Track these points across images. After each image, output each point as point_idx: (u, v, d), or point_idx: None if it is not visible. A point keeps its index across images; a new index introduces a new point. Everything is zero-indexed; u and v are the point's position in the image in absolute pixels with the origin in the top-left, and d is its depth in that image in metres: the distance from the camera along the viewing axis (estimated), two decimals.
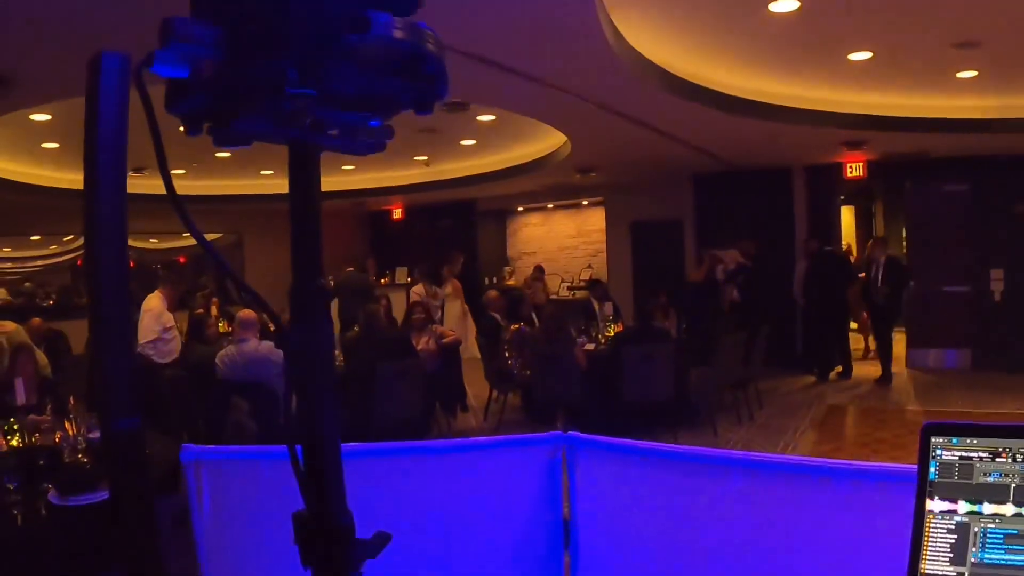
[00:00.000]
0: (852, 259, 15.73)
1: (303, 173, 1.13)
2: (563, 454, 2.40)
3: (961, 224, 12.59)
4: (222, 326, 10.78)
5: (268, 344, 7.19)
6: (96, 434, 4.23)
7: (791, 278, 12.86)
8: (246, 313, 7.30)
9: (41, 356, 7.74)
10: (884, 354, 11.92)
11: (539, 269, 16.27)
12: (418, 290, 14.07)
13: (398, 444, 2.50)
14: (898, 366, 13.10)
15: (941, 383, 11.62)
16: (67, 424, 4.33)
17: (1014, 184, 12.04)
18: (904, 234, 14.55)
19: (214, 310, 13.28)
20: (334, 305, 13.94)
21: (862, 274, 12.66)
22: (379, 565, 1.19)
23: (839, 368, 12.42)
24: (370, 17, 0.93)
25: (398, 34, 0.98)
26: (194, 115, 1.05)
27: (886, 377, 11.75)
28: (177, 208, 1.05)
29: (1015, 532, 1.50)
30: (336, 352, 8.84)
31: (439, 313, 13.53)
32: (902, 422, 9.34)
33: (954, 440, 1.56)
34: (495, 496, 2.42)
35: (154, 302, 8.83)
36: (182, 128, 1.06)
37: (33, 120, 8.79)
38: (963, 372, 12.33)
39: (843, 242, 15.58)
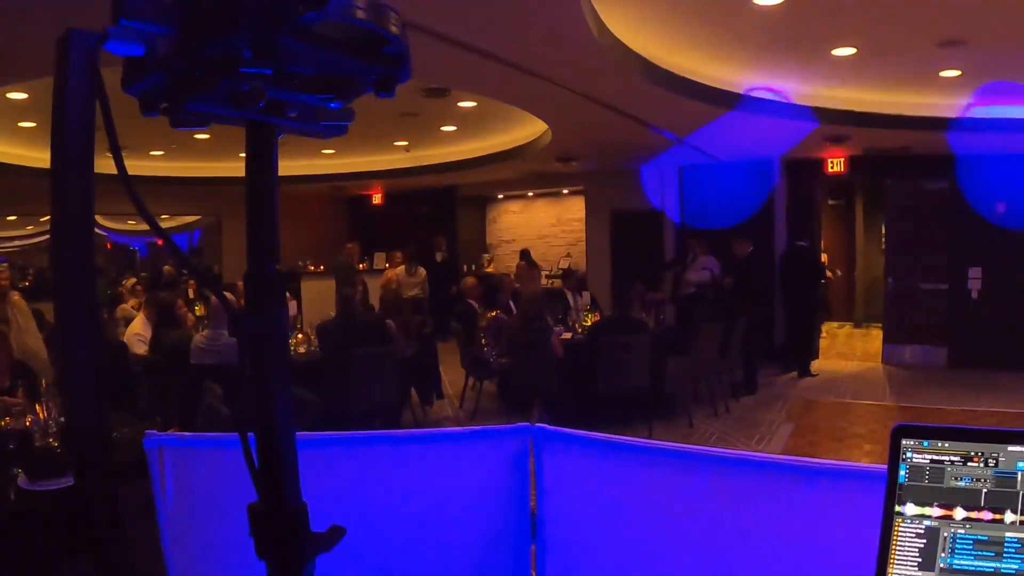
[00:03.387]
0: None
1: (260, 155, 1.09)
2: (531, 445, 2.38)
3: (940, 222, 12.65)
4: (198, 310, 10.71)
5: None
6: None
7: (770, 270, 12.93)
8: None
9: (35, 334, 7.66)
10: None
11: (527, 256, 16.22)
12: (399, 272, 14.24)
13: (365, 434, 2.47)
14: (875, 362, 13.19)
15: (917, 379, 11.69)
16: (38, 408, 4.28)
17: (994, 183, 12.09)
18: (883, 230, 14.63)
19: (191, 292, 13.22)
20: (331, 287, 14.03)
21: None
22: (345, 556, 1.16)
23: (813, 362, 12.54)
24: None
25: (358, 13, 0.95)
26: (150, 95, 1.02)
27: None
28: (129, 190, 1.02)
29: (985, 538, 1.48)
30: (312, 337, 8.82)
31: (415, 289, 13.96)
32: (877, 418, 9.39)
33: (925, 443, 1.54)
34: (462, 487, 2.40)
35: (137, 327, 8.65)
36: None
37: (10, 98, 8.70)
38: (939, 369, 12.42)
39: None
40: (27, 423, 4.27)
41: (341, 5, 0.92)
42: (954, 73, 8.41)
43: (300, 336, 8.85)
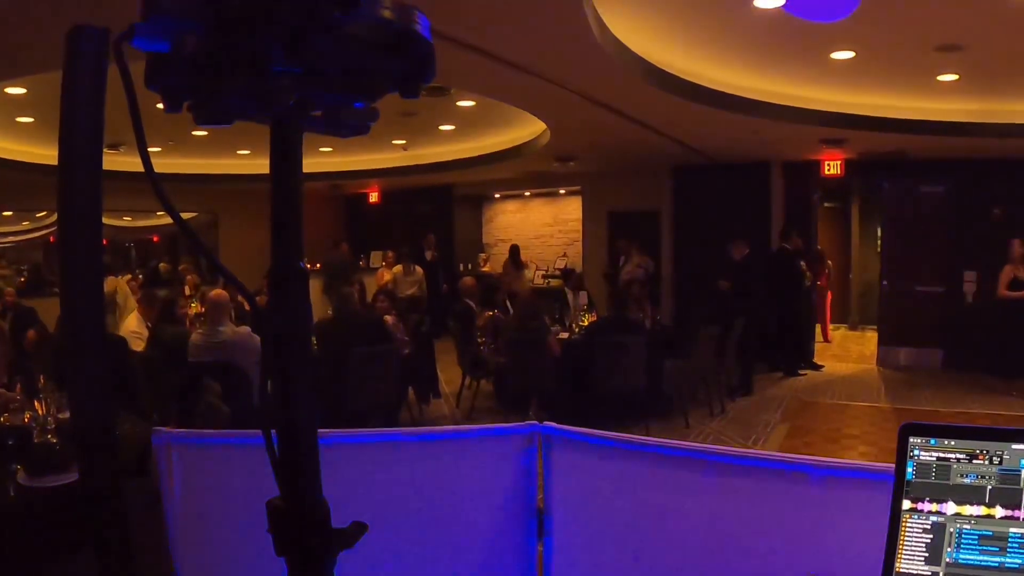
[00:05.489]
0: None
1: (285, 153, 1.10)
2: (539, 444, 2.39)
3: (936, 225, 12.68)
4: (195, 307, 10.69)
5: (245, 328, 7.12)
6: (66, 414, 4.16)
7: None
8: (218, 295, 7.21)
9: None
10: None
11: (515, 253, 16.26)
12: (397, 271, 14.28)
13: (373, 432, 2.48)
14: (869, 363, 13.21)
15: (912, 381, 11.71)
16: (37, 404, 4.26)
17: (990, 187, 12.12)
18: (879, 233, 14.65)
19: (187, 289, 13.20)
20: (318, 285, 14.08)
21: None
22: (352, 554, 1.17)
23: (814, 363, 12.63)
24: None
25: (386, 13, 0.96)
26: (175, 91, 1.02)
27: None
28: (156, 187, 1.02)
29: (989, 533, 1.51)
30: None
31: (413, 288, 14.09)
32: (872, 419, 9.41)
33: (932, 441, 1.56)
34: (470, 485, 2.41)
35: (133, 324, 8.64)
36: (160, 105, 1.03)
37: (8, 94, 8.68)
38: (933, 371, 12.43)
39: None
40: (25, 419, 4.25)
41: (370, 5, 0.93)
42: (951, 77, 8.43)
43: None
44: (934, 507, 1.54)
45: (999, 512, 1.52)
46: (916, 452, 1.57)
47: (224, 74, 0.96)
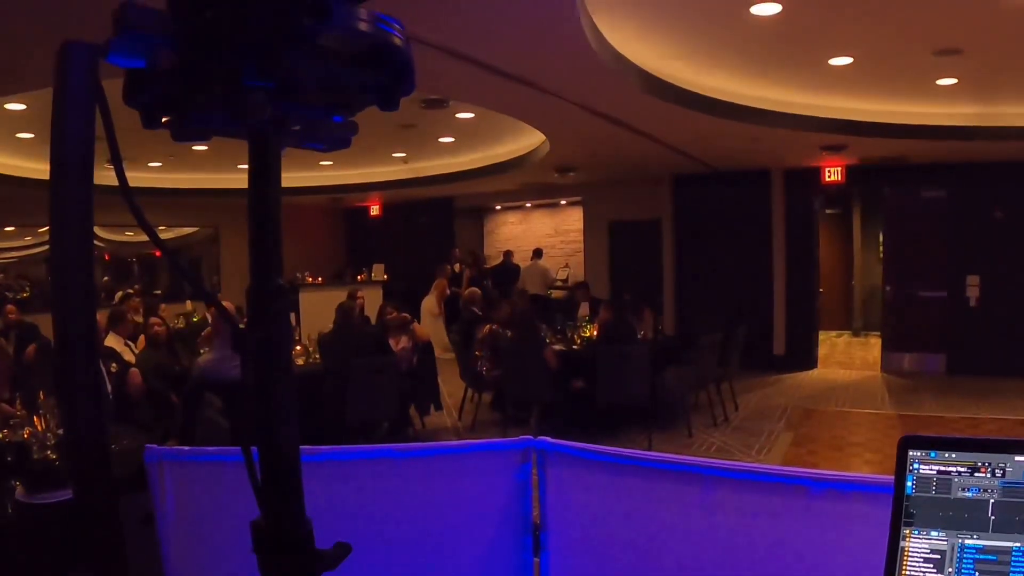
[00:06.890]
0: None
1: (263, 169, 1.08)
2: (534, 459, 2.36)
3: (938, 230, 12.67)
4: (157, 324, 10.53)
5: None
6: None
7: (769, 279, 13.01)
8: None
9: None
10: None
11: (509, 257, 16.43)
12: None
13: (367, 448, 2.45)
14: (873, 370, 13.18)
15: (916, 387, 11.68)
16: (36, 420, 4.25)
17: (991, 191, 12.11)
18: (881, 239, 14.64)
19: (138, 317, 13.08)
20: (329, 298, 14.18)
21: None
22: (346, 572, 1.15)
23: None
24: (331, 5, 0.88)
25: (362, 25, 0.94)
26: (151, 108, 1.01)
27: None
28: (129, 202, 1.01)
29: (992, 547, 1.48)
30: (311, 349, 8.83)
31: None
32: (876, 426, 9.37)
33: (932, 454, 1.53)
34: (465, 502, 2.38)
35: (110, 342, 8.60)
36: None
37: (8, 110, 8.69)
38: (938, 377, 12.40)
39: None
40: (25, 435, 4.24)
41: (345, 17, 0.91)
42: (950, 81, 8.41)
43: (299, 348, 8.85)
44: (935, 522, 1.52)
45: (1002, 527, 1.49)
46: (916, 466, 1.54)
47: (197, 90, 0.94)
